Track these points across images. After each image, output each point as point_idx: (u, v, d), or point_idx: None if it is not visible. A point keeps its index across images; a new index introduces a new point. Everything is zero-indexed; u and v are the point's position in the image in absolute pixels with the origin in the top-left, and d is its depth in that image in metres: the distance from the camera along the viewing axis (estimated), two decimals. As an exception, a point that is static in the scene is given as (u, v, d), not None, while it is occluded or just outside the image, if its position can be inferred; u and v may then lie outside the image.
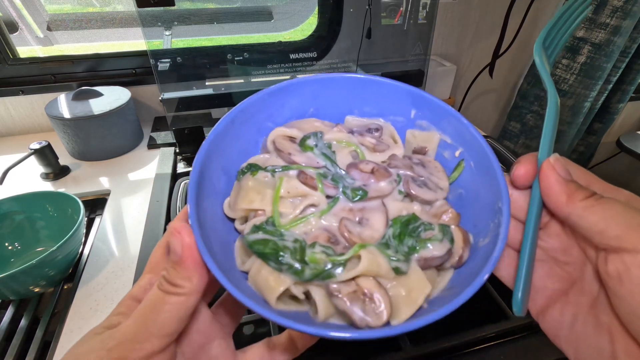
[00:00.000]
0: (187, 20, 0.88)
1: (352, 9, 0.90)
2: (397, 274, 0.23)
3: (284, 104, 0.29)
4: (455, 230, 0.25)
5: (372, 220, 0.25)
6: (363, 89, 0.29)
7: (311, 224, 0.25)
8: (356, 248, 0.23)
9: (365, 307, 0.22)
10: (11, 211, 0.60)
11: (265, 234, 0.23)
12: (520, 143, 1.27)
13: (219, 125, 0.26)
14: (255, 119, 0.28)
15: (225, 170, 0.27)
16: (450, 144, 0.27)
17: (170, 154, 0.86)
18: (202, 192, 0.24)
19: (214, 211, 0.26)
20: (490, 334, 0.50)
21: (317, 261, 0.22)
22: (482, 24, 1.13)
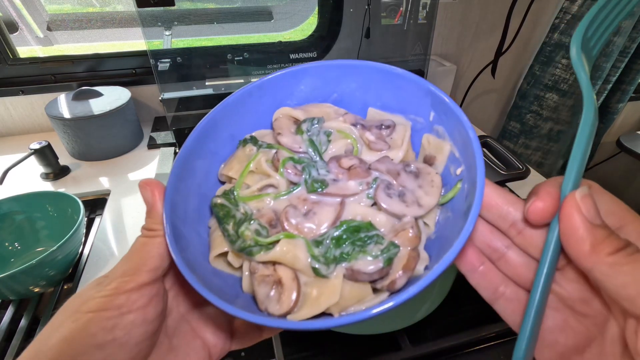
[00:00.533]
0: (187, 20, 0.88)
1: (352, 9, 0.90)
2: (317, 274, 0.22)
3: (307, 86, 0.29)
4: (402, 253, 0.22)
5: (319, 215, 0.24)
6: (386, 80, 0.28)
7: (264, 203, 0.25)
8: (280, 235, 0.23)
9: (271, 293, 0.22)
10: (11, 211, 0.60)
11: (225, 200, 0.25)
12: (520, 143, 1.28)
13: (233, 95, 0.27)
14: (274, 96, 0.28)
15: (234, 138, 0.28)
16: (457, 159, 0.25)
17: (170, 154, 0.86)
18: (200, 151, 0.26)
19: (207, 170, 0.27)
20: (490, 334, 0.50)
21: (245, 237, 0.23)
22: (482, 24, 1.13)
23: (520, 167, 0.59)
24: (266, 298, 0.22)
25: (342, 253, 0.23)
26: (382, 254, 0.22)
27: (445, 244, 0.22)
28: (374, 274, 0.22)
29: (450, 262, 0.19)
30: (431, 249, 0.24)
